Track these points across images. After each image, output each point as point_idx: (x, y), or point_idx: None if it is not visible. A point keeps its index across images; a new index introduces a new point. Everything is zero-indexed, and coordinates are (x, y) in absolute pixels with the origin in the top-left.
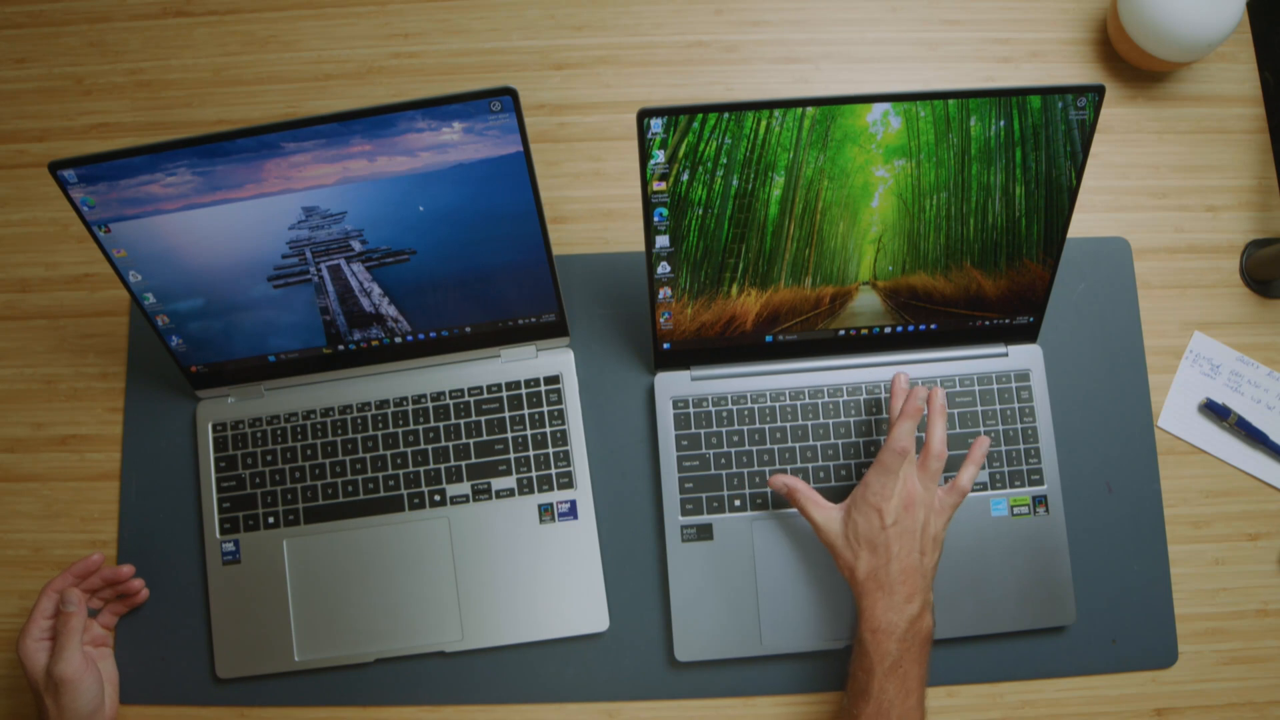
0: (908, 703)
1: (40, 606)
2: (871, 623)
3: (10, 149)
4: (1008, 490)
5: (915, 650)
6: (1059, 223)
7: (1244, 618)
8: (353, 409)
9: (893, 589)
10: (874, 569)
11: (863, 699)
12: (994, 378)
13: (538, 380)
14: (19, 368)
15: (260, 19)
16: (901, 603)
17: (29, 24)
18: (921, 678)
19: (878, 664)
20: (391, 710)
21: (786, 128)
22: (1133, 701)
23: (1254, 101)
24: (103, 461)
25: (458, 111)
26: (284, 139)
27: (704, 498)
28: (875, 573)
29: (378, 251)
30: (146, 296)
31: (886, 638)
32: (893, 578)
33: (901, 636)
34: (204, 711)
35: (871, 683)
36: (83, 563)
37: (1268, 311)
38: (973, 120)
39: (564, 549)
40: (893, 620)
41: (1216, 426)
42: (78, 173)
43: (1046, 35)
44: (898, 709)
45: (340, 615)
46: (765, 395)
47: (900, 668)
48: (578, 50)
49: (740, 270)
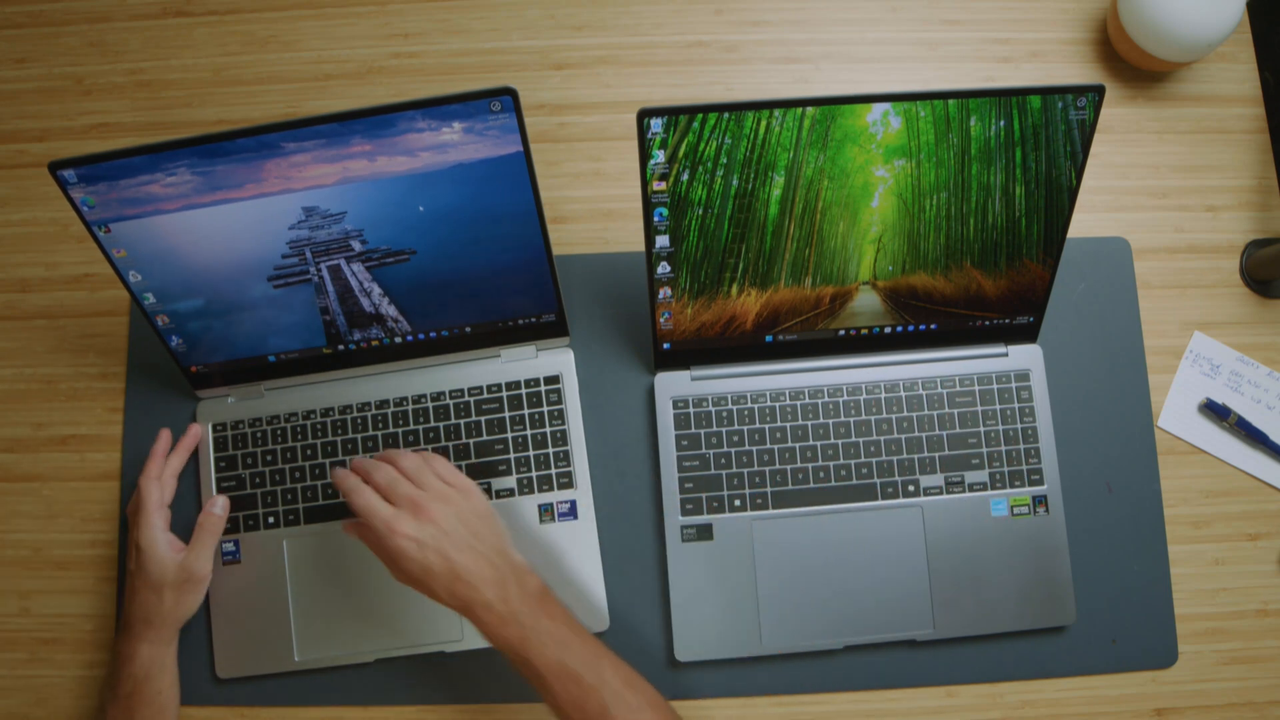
0: (577, 646)
1: (153, 497)
2: (494, 637)
3: (10, 149)
4: (1008, 490)
5: (533, 605)
6: (1059, 223)
7: (1244, 618)
8: (353, 409)
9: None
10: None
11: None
12: (994, 378)
13: (538, 380)
14: (19, 368)
15: (260, 19)
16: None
17: (29, 24)
18: (563, 619)
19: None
20: (391, 710)
21: (786, 128)
22: (1133, 701)
23: (1254, 101)
24: (103, 461)
25: (458, 111)
26: (284, 139)
27: (704, 498)
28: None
29: (378, 251)
30: (146, 296)
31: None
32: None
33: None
34: (204, 711)
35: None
36: (164, 443)
37: (1268, 311)
38: (973, 120)
39: (564, 549)
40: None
41: (1216, 426)
42: (78, 173)
43: (1046, 35)
44: (576, 656)
45: (340, 615)
46: (765, 395)
47: (541, 635)
48: (578, 50)
49: (740, 270)
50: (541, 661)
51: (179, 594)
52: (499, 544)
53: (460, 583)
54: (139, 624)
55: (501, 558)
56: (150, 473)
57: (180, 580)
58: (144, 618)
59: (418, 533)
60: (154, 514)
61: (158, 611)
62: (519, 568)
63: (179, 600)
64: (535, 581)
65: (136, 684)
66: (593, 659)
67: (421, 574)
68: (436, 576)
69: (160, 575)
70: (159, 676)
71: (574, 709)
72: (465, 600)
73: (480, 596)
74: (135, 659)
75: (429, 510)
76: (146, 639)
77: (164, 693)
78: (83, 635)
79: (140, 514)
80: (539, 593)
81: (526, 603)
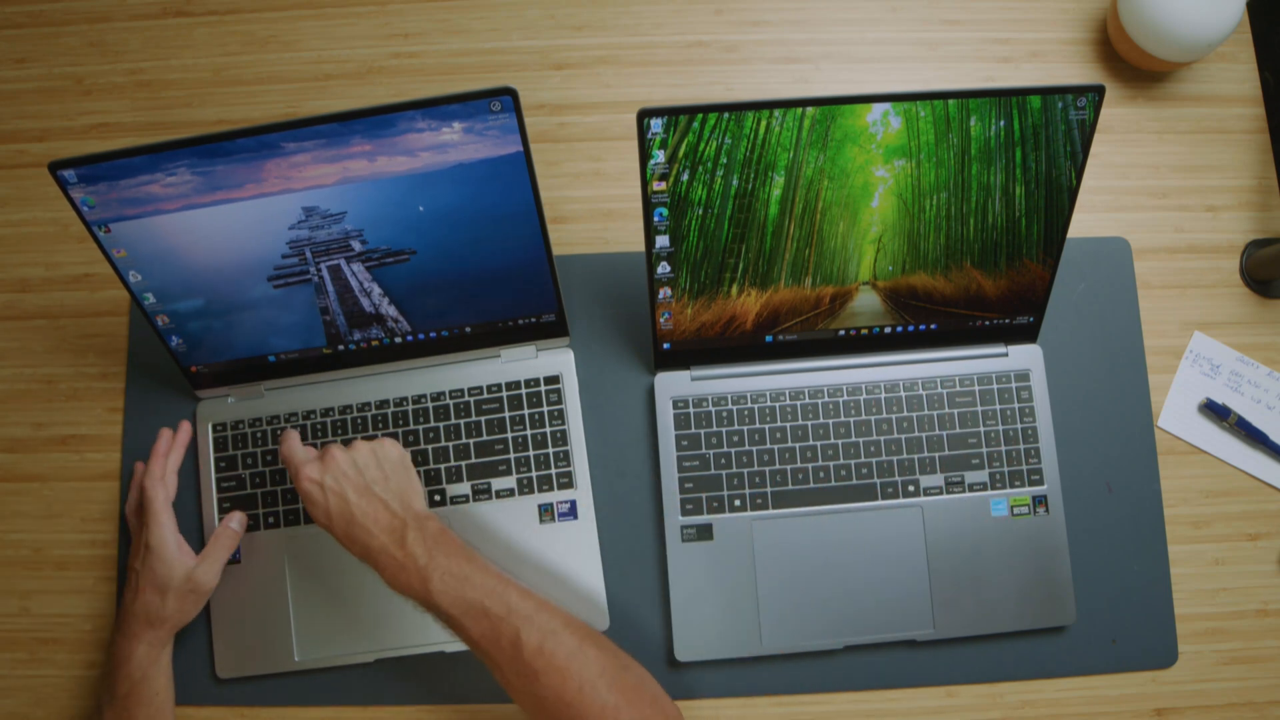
0: (478, 578)
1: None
2: (397, 584)
3: (10, 149)
4: (1008, 490)
5: (430, 545)
6: (1059, 223)
7: (1244, 618)
8: (353, 409)
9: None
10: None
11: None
12: (994, 378)
13: (538, 380)
14: (19, 368)
15: (260, 19)
16: (389, 543)
17: (29, 24)
18: (462, 555)
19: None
20: (391, 710)
21: (786, 128)
22: (1133, 701)
23: (1254, 101)
24: (103, 461)
25: (458, 111)
26: (284, 139)
27: (704, 498)
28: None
29: (378, 251)
30: (146, 296)
31: (413, 575)
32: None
33: (419, 568)
34: (204, 711)
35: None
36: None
37: (1268, 311)
38: (973, 120)
39: (564, 549)
40: (393, 559)
41: (1216, 426)
42: (78, 173)
43: (1046, 35)
44: (479, 589)
45: (340, 615)
46: (765, 395)
47: (440, 575)
48: (578, 50)
49: (740, 270)
50: (444, 600)
51: (182, 600)
52: (402, 492)
53: (356, 526)
54: (138, 623)
55: (401, 503)
56: (154, 473)
57: (186, 587)
58: (144, 617)
59: (319, 475)
60: (162, 514)
61: (159, 613)
62: (420, 514)
63: (180, 605)
64: (435, 525)
65: (133, 685)
66: (497, 589)
67: (324, 518)
68: (335, 522)
69: (167, 577)
70: (155, 677)
71: (489, 643)
72: (363, 546)
73: (376, 541)
74: (132, 659)
75: (334, 455)
76: (144, 640)
77: (160, 693)
78: (83, 635)
79: (149, 514)
80: (437, 534)
81: (423, 544)
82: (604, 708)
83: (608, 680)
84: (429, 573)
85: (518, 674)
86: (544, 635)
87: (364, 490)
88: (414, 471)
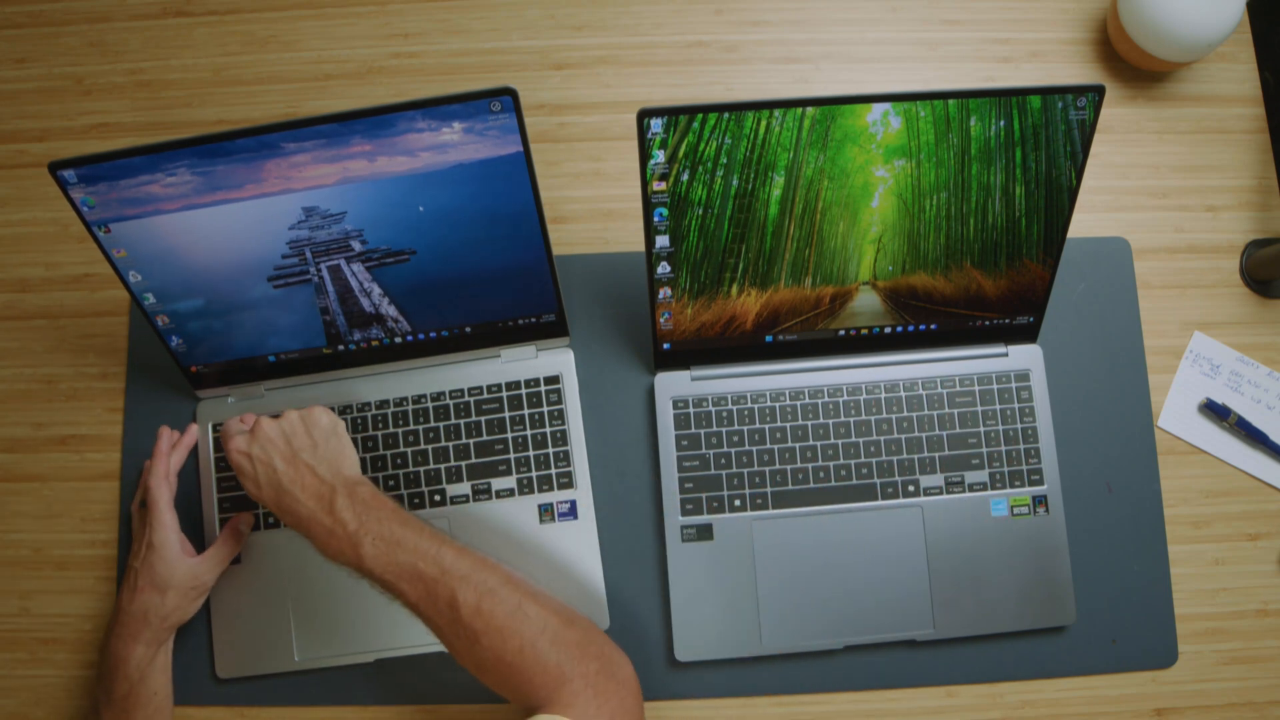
0: (411, 540)
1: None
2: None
3: (10, 149)
4: (1008, 490)
5: (360, 510)
6: (1059, 223)
7: (1244, 618)
8: (353, 409)
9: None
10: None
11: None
12: (994, 378)
13: (538, 380)
14: (19, 368)
15: (260, 19)
16: (317, 510)
17: (29, 24)
18: (394, 518)
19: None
20: (391, 710)
21: (786, 128)
22: (1133, 701)
23: (1254, 101)
24: (103, 461)
25: (458, 112)
26: (284, 139)
27: (704, 498)
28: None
29: (378, 251)
30: (146, 296)
31: (344, 541)
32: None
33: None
34: (204, 711)
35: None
36: (166, 441)
37: (1268, 311)
38: (973, 120)
39: (564, 549)
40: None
41: (1216, 426)
42: (78, 173)
43: (1046, 35)
44: (411, 550)
45: (340, 615)
46: (765, 395)
47: (372, 539)
48: (578, 50)
49: (740, 270)
50: (377, 566)
51: (182, 598)
52: (332, 458)
53: (285, 494)
54: (136, 622)
55: (330, 469)
56: (158, 473)
57: (187, 585)
58: (142, 616)
59: (248, 446)
60: (166, 514)
61: (158, 612)
62: (350, 479)
63: (180, 604)
64: (368, 489)
65: (132, 685)
66: (430, 550)
67: (254, 488)
68: (264, 490)
69: (168, 576)
70: (153, 677)
71: (426, 606)
72: (293, 514)
73: (304, 508)
74: (130, 660)
75: (262, 427)
76: (142, 639)
77: (159, 694)
78: (83, 635)
79: (152, 513)
80: (369, 498)
81: (352, 509)
82: (546, 666)
83: (549, 636)
84: (360, 538)
85: (458, 636)
86: (481, 594)
87: (290, 458)
88: (346, 438)
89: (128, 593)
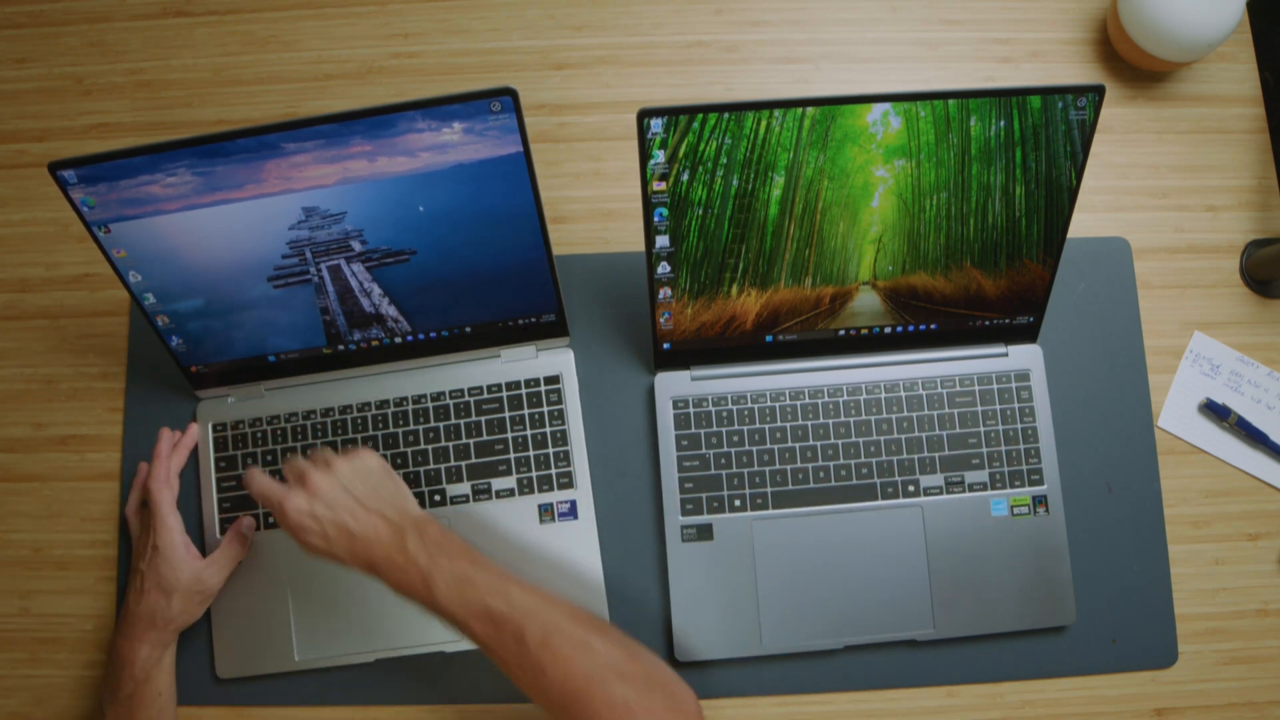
0: (481, 578)
1: (166, 500)
2: (402, 589)
3: (10, 149)
4: (1008, 490)
5: (431, 549)
6: (1059, 223)
7: (1244, 618)
8: (353, 409)
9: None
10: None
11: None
12: (994, 378)
13: (538, 380)
14: (19, 368)
15: (260, 19)
16: (392, 552)
17: (29, 24)
18: (464, 556)
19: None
20: (391, 710)
21: (786, 128)
22: (1133, 701)
23: (1254, 101)
24: (103, 461)
25: (458, 112)
26: (284, 139)
27: (704, 498)
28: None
29: (378, 251)
30: (146, 296)
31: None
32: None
33: (421, 572)
34: (204, 711)
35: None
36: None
37: (1268, 311)
38: (973, 120)
39: (564, 549)
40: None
41: (1216, 426)
42: (78, 173)
43: (1046, 35)
44: (481, 589)
45: (340, 615)
46: (765, 395)
47: (443, 576)
48: (578, 50)
49: (740, 270)
50: (448, 603)
51: (187, 601)
52: (394, 499)
53: (358, 542)
54: (141, 624)
55: (396, 511)
56: (159, 476)
57: (193, 589)
58: (147, 618)
59: (309, 505)
60: (170, 516)
61: (163, 614)
62: (418, 519)
63: (185, 607)
64: (435, 529)
65: (137, 685)
66: (499, 587)
67: (323, 544)
68: (335, 543)
69: (174, 579)
70: (158, 678)
71: (494, 642)
72: (367, 559)
73: (380, 552)
74: (135, 661)
75: (314, 481)
76: (147, 640)
77: (163, 694)
78: (83, 635)
79: (156, 516)
80: (439, 537)
81: (424, 549)
82: (612, 701)
83: (616, 671)
84: (431, 576)
85: (524, 670)
86: (547, 630)
87: (359, 511)
88: (397, 476)
89: (134, 595)
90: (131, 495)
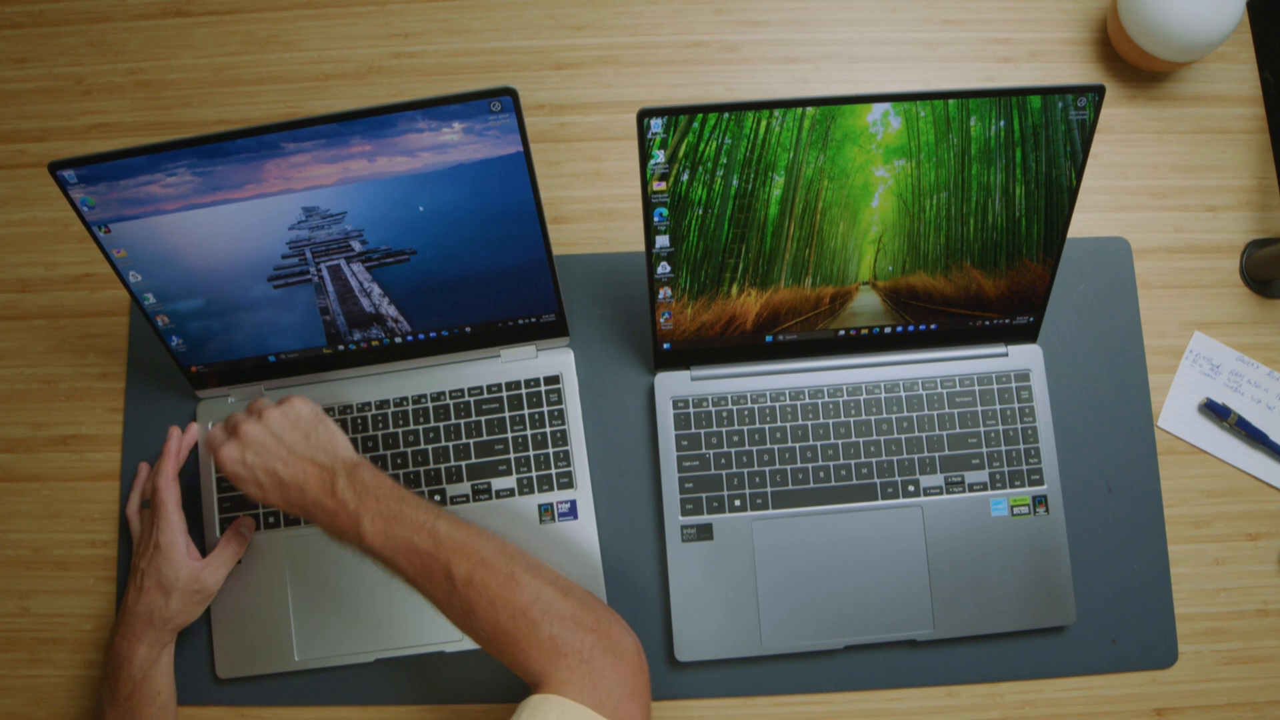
0: (408, 514)
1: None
2: (333, 531)
3: (10, 149)
4: (1008, 490)
5: (360, 491)
6: (1059, 223)
7: (1244, 618)
8: (353, 409)
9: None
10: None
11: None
12: (994, 377)
13: (538, 380)
14: (19, 368)
15: (260, 19)
16: (321, 496)
17: (29, 24)
18: (392, 495)
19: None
20: (391, 710)
21: (786, 128)
22: (1133, 701)
23: (1254, 101)
24: (103, 461)
25: (458, 112)
26: (284, 139)
27: (704, 498)
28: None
29: (378, 251)
30: (146, 296)
31: (345, 521)
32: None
33: (350, 514)
34: (204, 711)
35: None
36: (175, 441)
37: (1268, 311)
38: (973, 120)
39: (564, 549)
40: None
41: (1216, 426)
42: (78, 173)
43: (1046, 35)
44: (408, 525)
45: (340, 615)
46: (765, 395)
47: (370, 517)
48: (578, 50)
49: (740, 270)
50: (376, 542)
51: (186, 601)
52: (326, 444)
53: (290, 489)
54: (139, 623)
55: (327, 455)
56: (166, 473)
57: (192, 588)
58: (145, 617)
59: (240, 454)
60: (174, 515)
61: (161, 613)
62: (349, 462)
63: (184, 607)
64: (367, 470)
65: (135, 685)
66: (426, 522)
67: (258, 492)
68: (269, 490)
69: (174, 578)
70: (157, 677)
71: (424, 580)
72: (299, 504)
73: (310, 496)
74: (134, 660)
75: (245, 430)
76: (145, 640)
77: (162, 693)
78: (83, 635)
79: (160, 515)
80: (370, 479)
81: (354, 491)
82: (539, 638)
83: (542, 606)
84: (360, 516)
85: (454, 608)
86: (474, 565)
87: (288, 457)
88: (331, 422)
89: (133, 593)
90: (132, 495)
